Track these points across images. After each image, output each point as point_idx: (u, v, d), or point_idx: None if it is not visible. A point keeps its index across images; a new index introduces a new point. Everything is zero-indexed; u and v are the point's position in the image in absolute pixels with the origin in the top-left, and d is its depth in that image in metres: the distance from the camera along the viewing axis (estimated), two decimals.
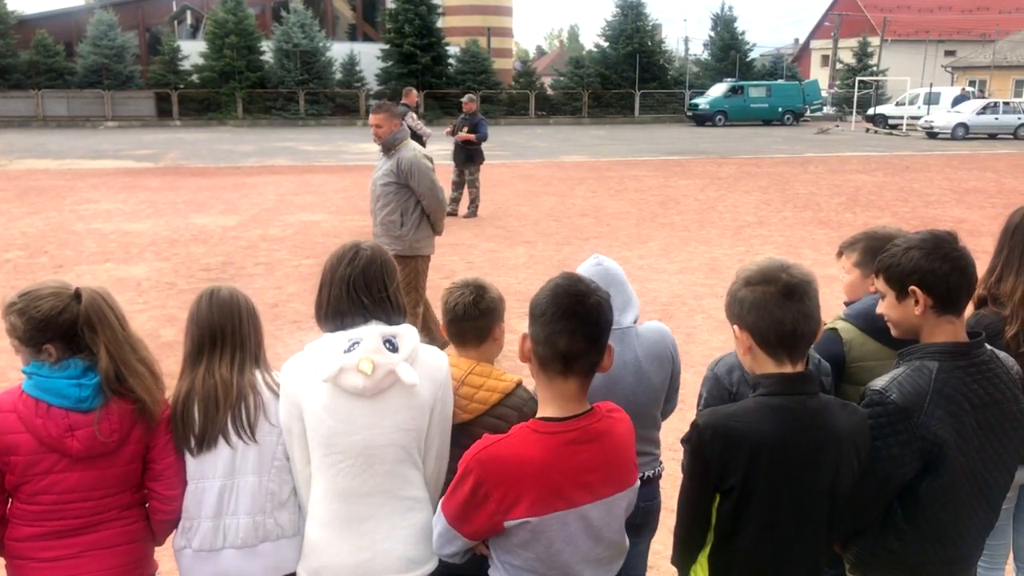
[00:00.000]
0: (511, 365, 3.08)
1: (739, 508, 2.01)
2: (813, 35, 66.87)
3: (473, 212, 13.72)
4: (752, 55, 51.47)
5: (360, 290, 2.29)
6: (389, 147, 6.14)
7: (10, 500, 2.31)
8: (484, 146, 13.90)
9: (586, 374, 2.00)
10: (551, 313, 1.96)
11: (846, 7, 57.37)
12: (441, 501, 2.11)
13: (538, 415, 2.02)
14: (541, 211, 14.32)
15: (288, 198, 15.32)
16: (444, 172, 13.63)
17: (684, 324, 7.62)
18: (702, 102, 42.00)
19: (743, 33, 50.41)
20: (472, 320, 2.53)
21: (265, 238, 11.61)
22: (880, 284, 2.26)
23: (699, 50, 56.75)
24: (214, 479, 2.39)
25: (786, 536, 2.04)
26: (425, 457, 2.33)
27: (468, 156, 13.60)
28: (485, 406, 2.45)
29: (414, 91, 14.19)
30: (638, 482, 2.13)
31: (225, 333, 2.41)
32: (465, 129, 13.61)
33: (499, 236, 12.04)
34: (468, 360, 2.52)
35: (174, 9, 47.78)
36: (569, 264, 10.06)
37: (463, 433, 2.38)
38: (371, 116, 6.30)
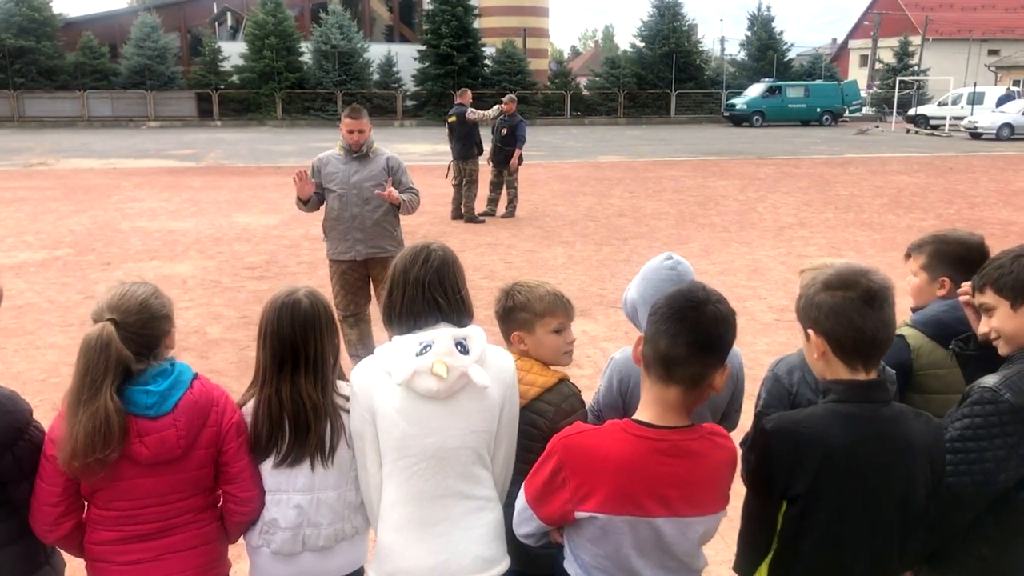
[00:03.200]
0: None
1: (805, 516, 1.97)
2: (852, 35, 65.98)
3: (511, 212, 13.75)
4: (789, 55, 50.91)
5: (435, 291, 2.28)
6: (367, 150, 6.13)
7: (87, 505, 2.34)
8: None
9: (689, 386, 1.93)
10: (661, 313, 1.94)
11: (886, 6, 56.52)
12: (526, 479, 2.12)
13: (634, 416, 2.00)
14: (579, 211, 14.31)
15: None
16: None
17: None
18: (739, 102, 41.67)
19: (780, 33, 49.90)
20: (511, 321, 2.59)
21: (307, 237, 11.72)
22: (989, 297, 2.17)
23: (735, 50, 56.25)
24: (293, 493, 2.40)
25: (854, 547, 1.99)
26: (493, 457, 2.32)
27: (506, 157, 13.63)
28: (524, 400, 2.45)
29: (469, 91, 14.25)
30: (723, 512, 2.06)
31: (308, 352, 2.38)
32: (504, 130, 13.64)
33: (537, 236, 12.05)
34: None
35: (215, 11, 48.42)
36: (608, 265, 10.06)
37: None
38: (354, 121, 6.03)
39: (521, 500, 2.12)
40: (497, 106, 13.81)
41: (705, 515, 2.00)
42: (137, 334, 2.24)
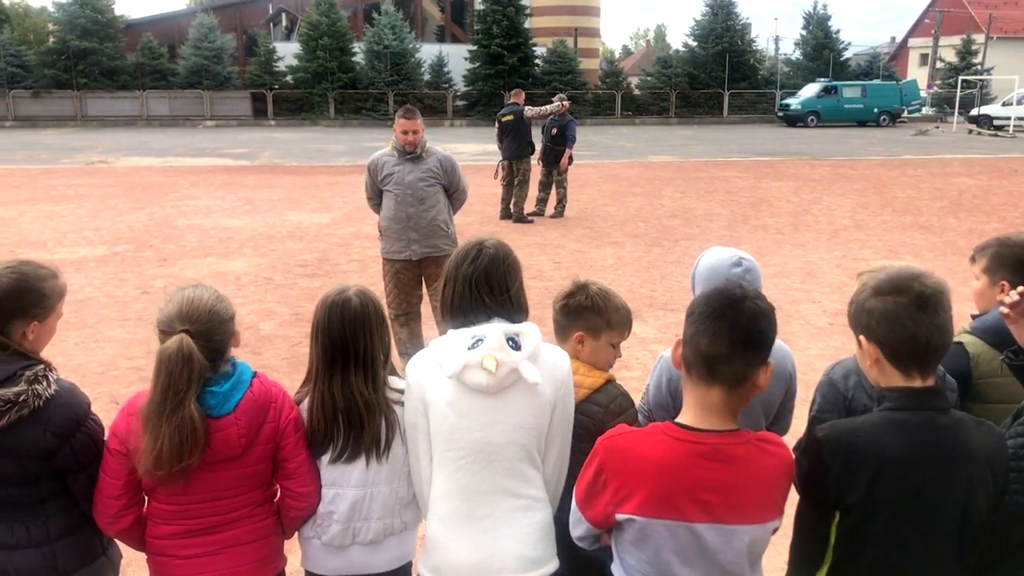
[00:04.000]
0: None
1: (860, 527, 1.92)
2: (911, 33, 64.50)
3: (560, 212, 13.71)
4: (846, 54, 49.93)
5: (482, 288, 2.28)
6: (421, 150, 6.16)
7: (148, 499, 2.39)
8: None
9: (732, 385, 1.89)
10: (699, 313, 1.91)
11: (948, 4, 55.12)
12: (576, 481, 2.10)
13: (676, 419, 1.98)
14: (629, 212, 14.21)
15: None
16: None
17: (781, 330, 7.35)
18: (793, 102, 41.01)
19: (837, 32, 48.95)
20: (580, 320, 2.57)
21: (358, 235, 11.84)
22: None
23: (790, 49, 55.42)
24: (347, 487, 2.44)
25: (911, 559, 1.92)
26: (545, 457, 2.30)
27: (556, 157, 13.59)
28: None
29: (523, 92, 14.26)
30: (775, 522, 1.99)
31: (358, 349, 2.42)
32: (555, 130, 13.61)
33: (586, 236, 12.00)
34: None
35: (270, 12, 49.24)
36: (658, 266, 9.97)
37: None
38: (408, 122, 6.06)
39: (574, 502, 2.12)
40: (558, 101, 13.74)
41: (751, 523, 1.93)
42: (208, 341, 2.28)
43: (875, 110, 40.77)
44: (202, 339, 2.25)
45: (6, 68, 39.69)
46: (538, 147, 13.79)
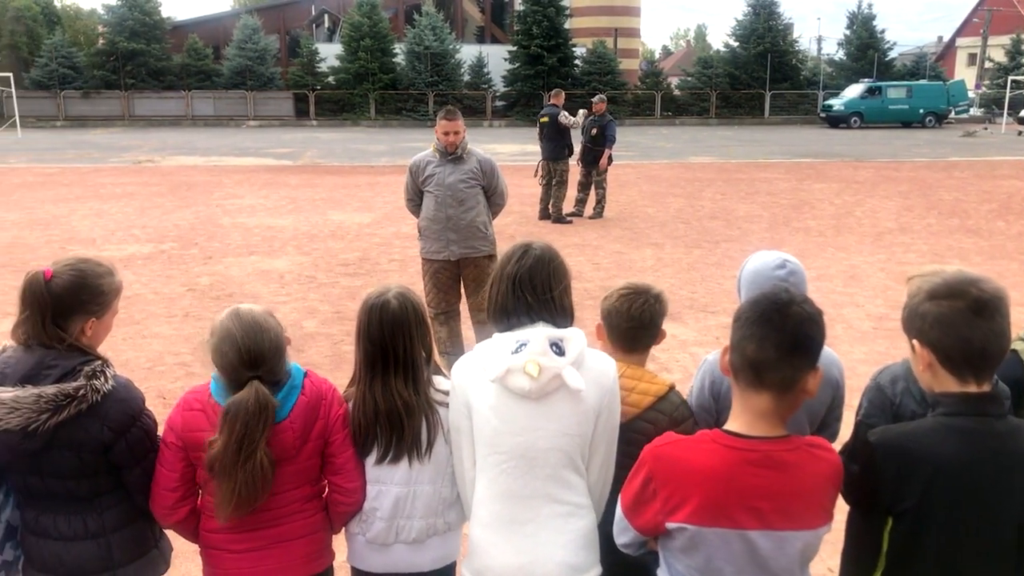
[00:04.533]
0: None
1: (915, 533, 1.89)
2: (959, 33, 63.22)
3: (599, 213, 13.69)
4: (891, 54, 49.09)
5: (525, 288, 2.27)
6: (462, 151, 6.18)
7: (202, 493, 2.45)
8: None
9: (780, 391, 1.88)
10: (745, 318, 1.90)
11: (997, 2, 53.91)
12: (622, 488, 2.10)
13: (724, 427, 1.97)
14: (668, 213, 14.14)
15: None
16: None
17: None
18: (836, 103, 40.44)
19: (882, 31, 48.13)
20: (655, 327, 2.56)
21: (398, 235, 11.93)
22: None
23: (833, 49, 54.66)
24: (391, 485, 2.47)
25: (967, 566, 1.89)
26: (589, 463, 2.28)
27: (595, 157, 13.57)
28: (637, 409, 2.43)
29: (562, 92, 14.20)
30: (826, 528, 1.98)
31: (397, 352, 2.44)
32: (594, 131, 13.59)
33: (626, 237, 11.96)
34: (619, 362, 2.51)
35: (313, 13, 49.77)
36: (699, 268, 9.91)
37: None
38: (450, 123, 6.08)
39: (619, 509, 2.11)
40: (582, 110, 13.73)
41: (804, 529, 1.92)
42: (272, 372, 2.34)
43: (921, 111, 40.05)
44: (269, 375, 2.32)
45: (57, 69, 40.63)
46: (577, 148, 13.79)
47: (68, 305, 2.34)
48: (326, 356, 6.75)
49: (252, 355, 2.29)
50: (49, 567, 2.41)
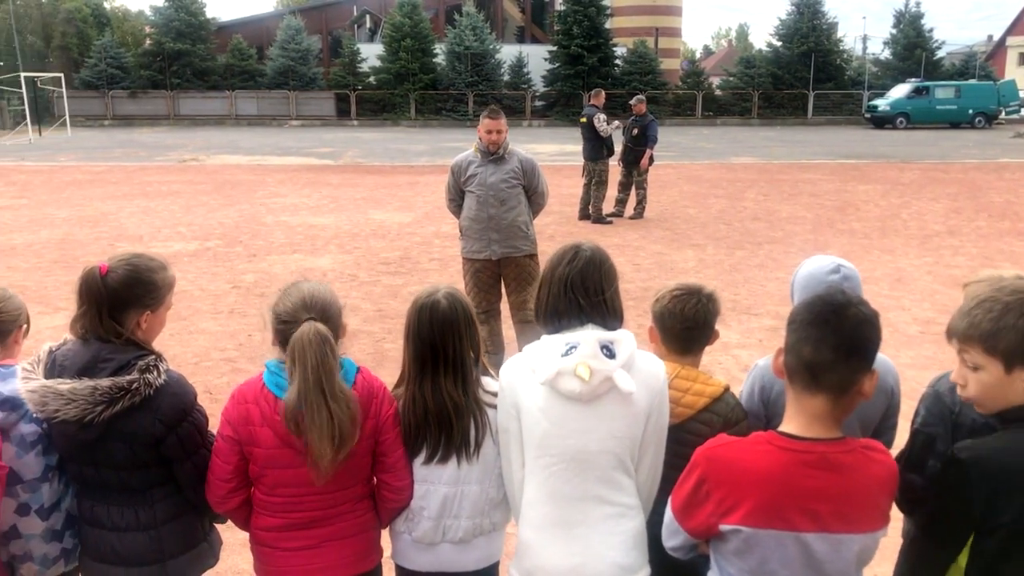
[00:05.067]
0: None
1: (1005, 551, 1.85)
2: (1010, 31, 61.82)
3: (640, 213, 13.61)
4: (939, 53, 48.13)
5: (577, 290, 2.26)
6: (504, 151, 6.17)
7: (254, 489, 2.47)
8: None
9: (836, 393, 1.86)
10: (800, 320, 1.89)
11: None
12: (672, 491, 2.09)
13: (779, 428, 1.95)
14: (710, 214, 14.02)
15: None
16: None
17: None
18: (882, 103, 39.78)
19: (930, 30, 47.20)
20: (708, 328, 2.53)
21: (438, 235, 11.98)
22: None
23: (878, 48, 53.74)
24: (439, 485, 2.47)
25: None
26: (638, 465, 2.28)
27: (636, 157, 13.50)
28: (692, 410, 2.42)
29: (603, 92, 14.10)
30: (883, 531, 1.96)
31: (447, 351, 2.44)
32: (635, 131, 13.52)
33: (667, 238, 11.88)
34: (672, 364, 2.49)
35: (355, 13, 50.19)
36: (741, 269, 9.81)
37: (668, 437, 2.35)
38: (493, 122, 6.08)
39: (668, 512, 2.10)
40: (617, 122, 13.61)
41: (861, 532, 1.90)
42: (329, 326, 2.36)
43: (970, 111, 39.22)
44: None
45: (106, 70, 41.50)
46: (619, 148, 13.73)
47: (123, 299, 2.39)
48: (368, 354, 6.80)
49: (314, 300, 2.35)
50: (104, 557, 2.47)
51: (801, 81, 44.05)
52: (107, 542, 2.45)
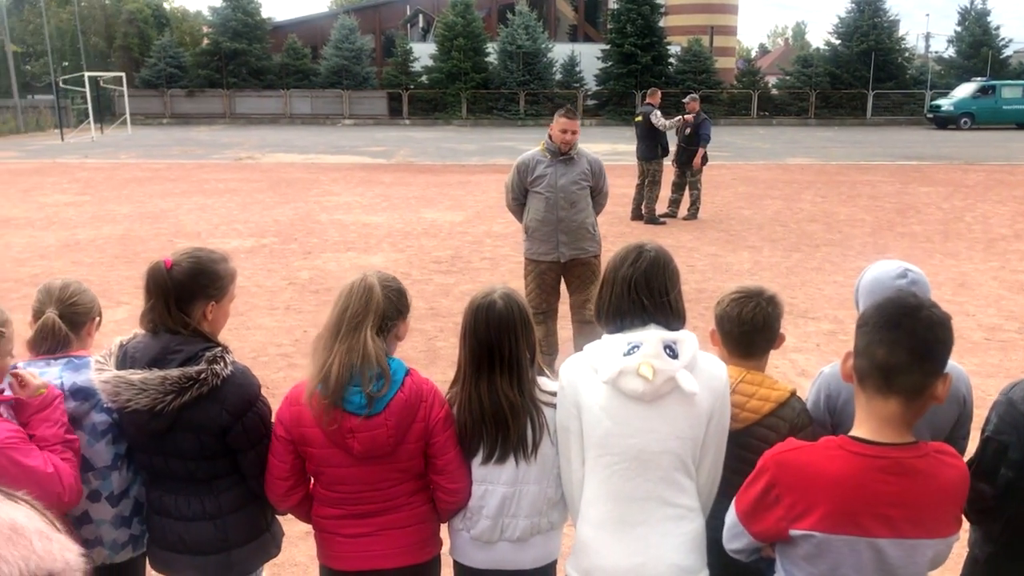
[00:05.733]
0: None
1: None
2: None
3: (694, 214, 13.47)
4: (1006, 52, 46.73)
5: (641, 291, 2.26)
6: (574, 151, 6.09)
7: (313, 482, 2.52)
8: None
9: (909, 397, 1.84)
10: (873, 323, 1.86)
11: None
12: (736, 494, 2.07)
13: (851, 433, 1.92)
14: (766, 215, 13.81)
15: None
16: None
17: None
18: (945, 103, 38.73)
19: (997, 28, 45.86)
20: (770, 331, 2.48)
21: (489, 234, 12.01)
22: None
23: (942, 47, 52.41)
24: (498, 485, 2.48)
25: None
26: (699, 467, 2.27)
27: (690, 157, 13.37)
28: (757, 415, 2.38)
29: (659, 92, 13.98)
30: (955, 536, 1.93)
31: (503, 352, 2.45)
32: (688, 130, 13.39)
33: (721, 240, 11.73)
34: (738, 368, 2.45)
35: (408, 13, 50.58)
36: (798, 272, 9.64)
37: (733, 442, 2.32)
38: (570, 121, 5.99)
39: (731, 515, 2.07)
40: (679, 117, 13.48)
41: (934, 537, 1.88)
42: (390, 300, 2.46)
43: None
44: (385, 294, 2.44)
45: (165, 69, 42.46)
46: (673, 148, 13.60)
47: (189, 290, 2.45)
48: (420, 351, 6.84)
49: (385, 275, 2.50)
50: (171, 545, 2.53)
51: (860, 80, 43.15)
52: (174, 531, 2.51)
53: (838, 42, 45.03)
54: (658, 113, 13.00)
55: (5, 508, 0.93)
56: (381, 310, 2.36)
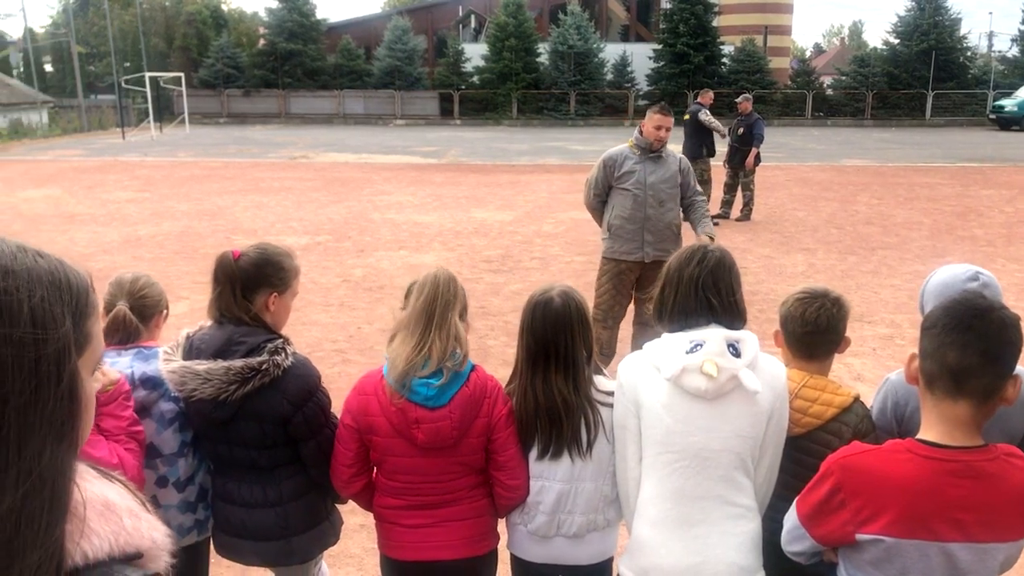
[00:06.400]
0: None
1: None
2: None
3: (746, 215, 13.32)
4: None
5: (709, 291, 2.27)
6: (663, 149, 6.00)
7: (376, 471, 2.58)
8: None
9: (980, 399, 1.82)
10: (943, 325, 1.84)
11: None
12: (798, 497, 2.06)
13: (918, 436, 1.90)
14: (820, 217, 13.59)
15: (559, 196, 15.77)
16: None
17: None
18: (1009, 104, 37.61)
19: None
20: (834, 333, 2.46)
21: (539, 234, 12.02)
22: None
23: (1005, 46, 50.92)
24: (554, 481, 2.51)
25: None
26: (757, 466, 2.27)
27: (742, 157, 13.22)
28: (820, 420, 2.36)
29: (711, 92, 13.86)
30: None
31: (559, 349, 2.48)
32: (741, 130, 13.24)
33: (775, 242, 11.58)
34: (800, 371, 2.44)
35: (460, 14, 50.82)
36: (853, 275, 9.48)
37: (795, 447, 2.31)
38: (665, 117, 5.85)
39: (792, 518, 2.06)
40: (725, 130, 13.32)
41: (1006, 541, 1.86)
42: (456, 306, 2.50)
43: None
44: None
45: (222, 69, 43.29)
46: (725, 149, 13.47)
47: (254, 278, 2.55)
48: (471, 350, 6.82)
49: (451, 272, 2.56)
50: (235, 530, 2.61)
51: (920, 80, 42.17)
52: (237, 517, 2.59)
53: (897, 41, 44.04)
54: (707, 111, 12.89)
55: (100, 485, 0.98)
56: (463, 298, 2.45)
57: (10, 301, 0.84)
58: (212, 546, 2.77)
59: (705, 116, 12.78)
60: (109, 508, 0.96)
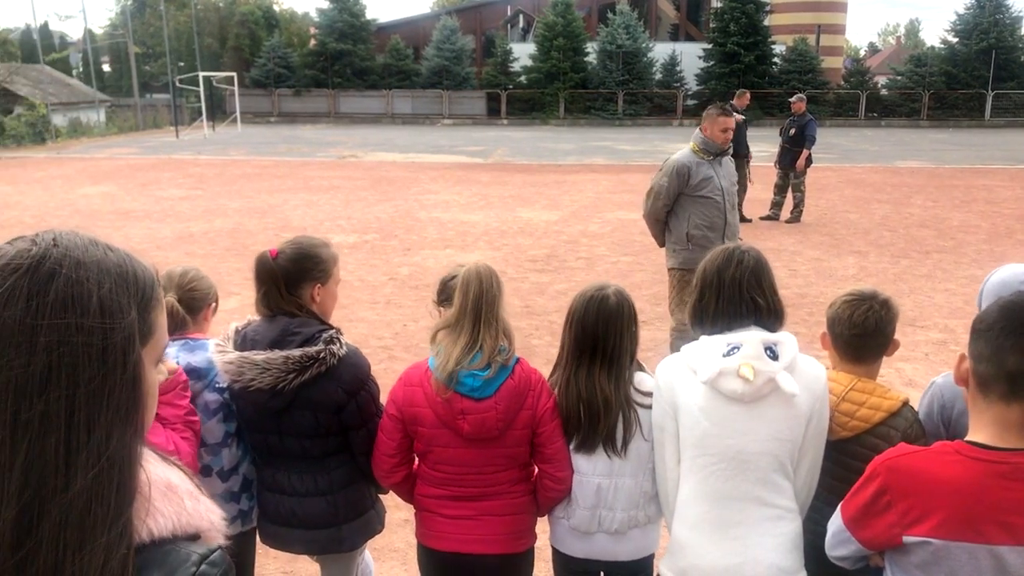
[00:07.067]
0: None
1: None
2: None
3: (797, 217, 13.12)
4: None
5: (754, 291, 2.27)
6: (726, 151, 5.94)
7: (419, 462, 2.61)
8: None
9: None
10: (1000, 327, 1.80)
11: None
12: (842, 501, 2.04)
13: (967, 438, 1.87)
14: (872, 219, 13.34)
15: (605, 196, 15.72)
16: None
17: None
18: None
19: None
20: (882, 336, 2.43)
21: (585, 234, 12.00)
22: None
23: None
24: (593, 476, 2.53)
25: None
26: (797, 469, 2.26)
27: (793, 158, 13.02)
28: (867, 424, 2.33)
29: (747, 93, 13.69)
30: None
31: (606, 344, 2.51)
32: (793, 131, 13.05)
33: (825, 244, 11.40)
34: (848, 374, 2.41)
35: (508, 13, 50.89)
36: (906, 279, 9.29)
37: (841, 451, 2.29)
38: (729, 119, 5.81)
39: (837, 522, 2.04)
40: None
41: None
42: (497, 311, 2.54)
43: None
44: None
45: (274, 69, 43.95)
46: (775, 150, 13.27)
47: (294, 273, 2.60)
48: (516, 348, 6.89)
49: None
50: (283, 519, 2.67)
51: (979, 80, 41.10)
52: (287, 506, 2.64)
53: (956, 40, 42.99)
54: (737, 115, 12.71)
55: (162, 468, 1.01)
56: (503, 291, 2.49)
57: (80, 291, 0.88)
58: (258, 536, 2.81)
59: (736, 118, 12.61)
60: (171, 489, 1.00)
